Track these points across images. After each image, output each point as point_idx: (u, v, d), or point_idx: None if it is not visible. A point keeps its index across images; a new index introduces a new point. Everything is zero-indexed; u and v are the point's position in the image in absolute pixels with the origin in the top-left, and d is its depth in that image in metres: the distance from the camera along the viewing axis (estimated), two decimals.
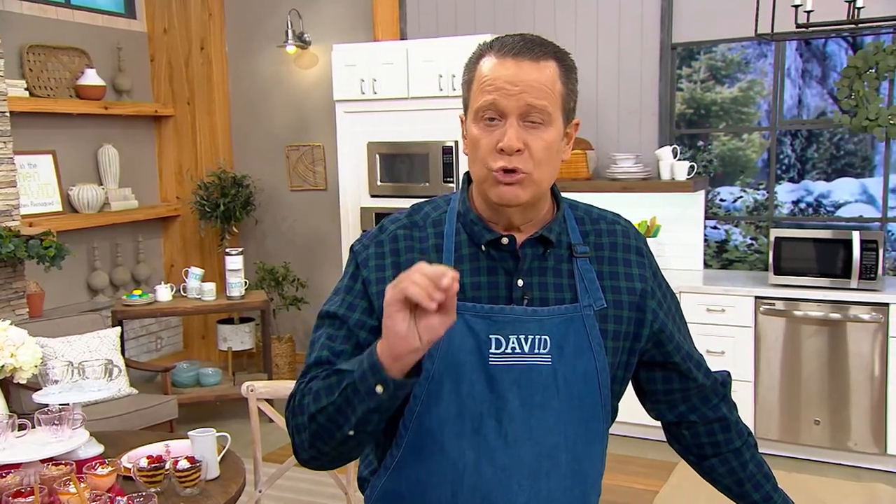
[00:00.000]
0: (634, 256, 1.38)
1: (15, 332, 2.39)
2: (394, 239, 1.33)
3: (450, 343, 1.24)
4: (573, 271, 1.32)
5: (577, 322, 1.29)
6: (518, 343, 1.26)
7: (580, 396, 1.29)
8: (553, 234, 1.32)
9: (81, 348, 3.85)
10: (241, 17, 5.71)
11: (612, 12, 4.67)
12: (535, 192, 1.26)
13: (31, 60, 4.87)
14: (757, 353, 4.04)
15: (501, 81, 1.21)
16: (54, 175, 5.00)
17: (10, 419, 2.26)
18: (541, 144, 1.23)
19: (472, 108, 1.26)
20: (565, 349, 1.27)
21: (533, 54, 1.23)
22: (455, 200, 1.37)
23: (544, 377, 1.26)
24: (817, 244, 4.00)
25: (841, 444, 3.93)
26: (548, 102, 1.22)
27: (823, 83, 4.39)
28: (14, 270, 4.26)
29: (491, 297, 1.28)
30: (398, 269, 1.28)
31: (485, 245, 1.30)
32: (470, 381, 1.25)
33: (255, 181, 5.66)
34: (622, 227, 1.40)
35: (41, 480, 2.09)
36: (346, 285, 1.34)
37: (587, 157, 4.55)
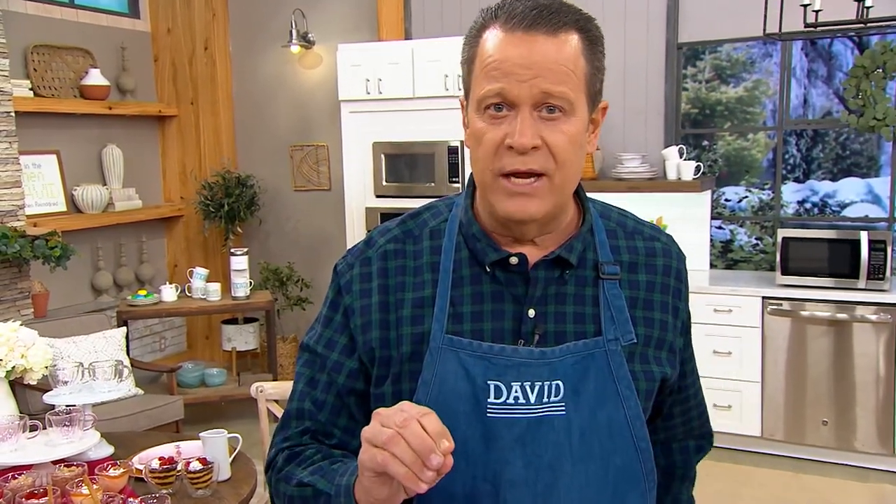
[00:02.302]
0: (673, 282, 1.13)
1: (25, 332, 2.39)
2: (383, 256, 1.11)
3: (441, 387, 1.02)
4: (598, 297, 1.07)
5: (599, 360, 1.03)
6: (522, 391, 1.01)
7: (605, 454, 1.03)
8: (574, 255, 1.06)
9: (88, 348, 3.85)
10: (245, 17, 5.70)
11: (617, 11, 4.66)
12: (555, 200, 1.01)
13: (36, 60, 4.86)
14: (764, 354, 4.04)
15: (510, 64, 0.96)
16: (59, 175, 4.99)
17: (21, 420, 2.25)
18: (561, 139, 0.98)
19: (473, 94, 1.02)
20: (582, 395, 1.02)
21: (550, 25, 0.97)
22: (458, 206, 1.12)
23: (556, 432, 1.01)
24: (825, 244, 4.00)
25: (848, 444, 3.93)
26: (568, 88, 0.97)
27: (829, 83, 4.39)
28: (19, 270, 4.26)
29: (495, 330, 1.04)
30: (386, 293, 1.08)
31: (489, 266, 1.06)
32: (463, 438, 0.99)
33: (259, 181, 5.65)
34: (663, 244, 1.14)
35: (53, 482, 2.09)
36: (325, 315, 1.13)
37: (593, 157, 4.55)
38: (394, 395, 1.06)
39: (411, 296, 1.08)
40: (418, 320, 1.06)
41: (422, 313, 1.06)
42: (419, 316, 1.06)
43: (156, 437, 2.80)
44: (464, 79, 1.06)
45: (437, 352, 1.03)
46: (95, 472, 2.14)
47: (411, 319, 1.06)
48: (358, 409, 1.11)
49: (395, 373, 1.06)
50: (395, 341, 1.06)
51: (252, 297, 4.73)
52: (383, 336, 1.07)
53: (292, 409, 1.13)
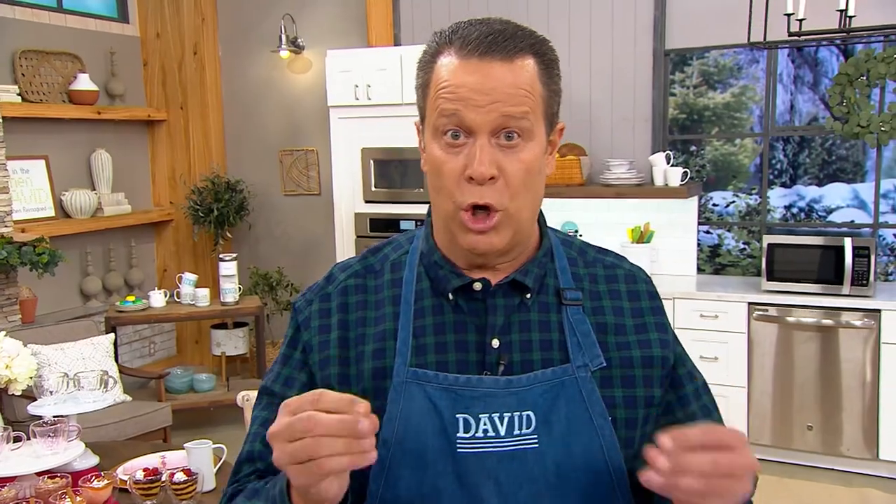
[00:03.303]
0: (646, 303, 1.10)
1: (10, 343, 2.39)
2: (343, 291, 1.08)
3: (407, 424, 0.98)
4: (563, 323, 1.04)
5: (569, 388, 1.00)
6: (491, 424, 0.97)
7: (583, 487, 0.99)
8: (530, 278, 1.04)
9: (75, 355, 3.84)
10: (235, 22, 5.70)
11: (605, 19, 4.68)
12: (515, 228, 1.00)
13: (24, 65, 4.85)
14: (750, 359, 4.07)
15: (466, 90, 0.95)
16: (47, 180, 4.99)
17: (5, 432, 2.26)
18: (519, 168, 0.97)
19: (429, 119, 1.00)
20: (555, 425, 0.99)
21: (505, 51, 0.96)
22: (419, 238, 1.10)
23: (530, 465, 0.97)
24: (810, 250, 4.03)
25: (833, 449, 3.95)
26: (528, 109, 0.97)
27: (815, 89, 4.42)
28: (6, 277, 4.25)
29: (459, 361, 1.01)
30: (346, 329, 1.06)
31: (452, 294, 1.04)
32: (434, 476, 0.97)
33: (248, 186, 5.65)
34: (626, 270, 1.12)
35: (37, 494, 2.09)
36: (283, 353, 1.11)
37: (581, 163, 4.57)
38: None
39: (373, 330, 1.05)
40: (380, 355, 1.03)
41: (383, 347, 1.04)
42: (381, 350, 1.03)
43: (141, 446, 2.80)
44: (419, 103, 1.04)
45: (401, 387, 1.00)
46: (79, 484, 2.14)
47: (373, 354, 1.04)
48: None
49: None
50: (354, 378, 1.04)
51: (241, 303, 4.73)
52: (342, 372, 1.04)
53: (244, 453, 1.10)
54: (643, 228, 4.55)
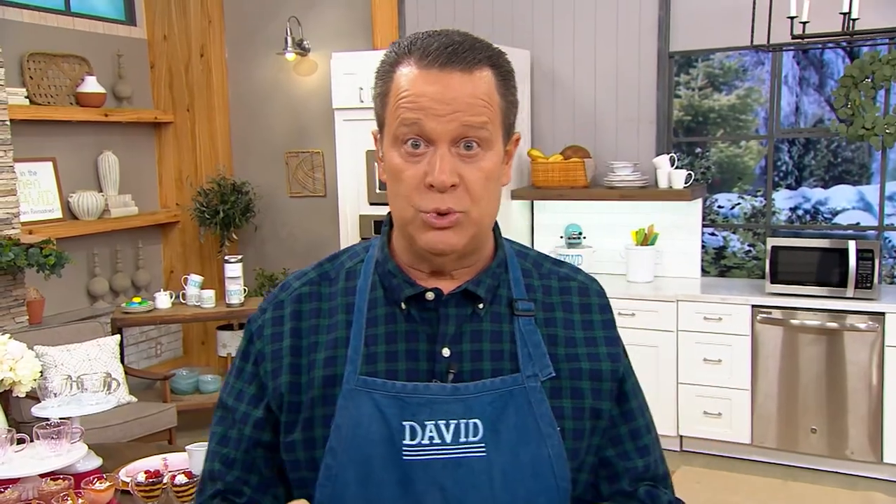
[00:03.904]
0: (597, 316, 1.11)
1: (14, 345, 2.41)
2: (297, 299, 1.09)
3: (355, 431, 0.99)
4: (514, 334, 1.05)
5: (518, 397, 1.01)
6: (437, 431, 0.98)
7: (529, 496, 0.99)
8: (482, 288, 1.05)
9: (81, 356, 3.87)
10: (241, 24, 5.72)
11: (609, 21, 4.68)
12: (474, 232, 1.02)
13: (32, 68, 4.89)
14: (754, 362, 4.06)
15: (427, 100, 0.96)
16: (54, 182, 5.02)
17: (9, 434, 2.28)
18: (479, 176, 0.99)
19: (388, 127, 1.01)
20: (503, 434, 0.99)
21: (465, 62, 0.97)
22: (374, 247, 1.11)
23: (476, 474, 0.97)
24: (814, 253, 4.02)
25: (838, 452, 3.94)
26: (487, 118, 0.99)
27: (821, 91, 4.41)
28: (14, 278, 4.28)
29: (409, 370, 1.01)
30: (299, 337, 1.06)
31: (404, 303, 1.04)
32: (378, 483, 0.97)
33: (254, 188, 5.68)
34: (579, 283, 1.13)
35: (39, 495, 2.11)
36: (237, 366, 1.11)
37: (585, 166, 4.57)
38: (304, 441, 1.03)
39: (325, 338, 1.05)
40: (331, 362, 1.04)
41: (335, 355, 1.04)
42: (332, 358, 1.04)
43: (145, 448, 2.82)
44: (377, 112, 1.05)
45: (350, 394, 1.00)
46: (82, 486, 2.16)
47: (324, 362, 1.04)
48: (265, 463, 1.08)
49: (305, 418, 1.03)
50: (305, 385, 1.04)
51: (246, 304, 4.76)
52: (293, 381, 1.04)
53: (205, 471, 1.11)
54: (647, 230, 4.55)
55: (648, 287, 4.38)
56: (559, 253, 4.59)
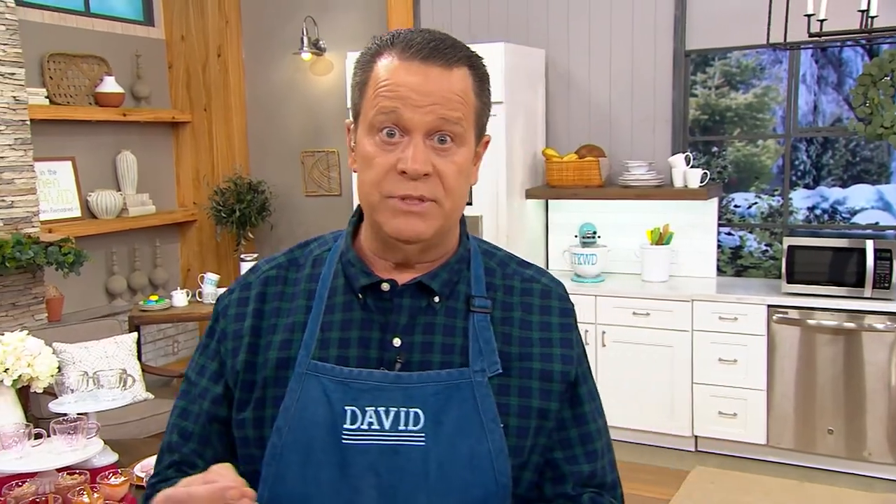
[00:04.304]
0: (556, 318, 1.11)
1: (32, 342, 2.45)
2: (264, 282, 1.11)
3: (302, 413, 1.01)
4: (468, 329, 1.06)
5: (463, 391, 1.02)
6: (377, 417, 1.00)
7: (464, 487, 1.00)
8: (437, 282, 1.06)
9: (99, 354, 3.91)
10: (258, 25, 5.76)
11: (625, 20, 4.67)
12: (442, 223, 1.03)
13: (52, 69, 4.95)
14: (771, 362, 4.03)
15: (406, 90, 0.98)
16: (74, 181, 5.08)
17: (27, 428, 2.31)
18: (452, 169, 1.01)
19: (364, 116, 1.02)
20: (444, 425, 1.00)
21: (445, 59, 1.00)
22: (342, 236, 1.13)
23: (412, 462, 0.99)
24: (831, 253, 3.98)
25: (856, 453, 3.91)
26: (462, 115, 1.01)
27: (839, 89, 4.37)
28: (33, 276, 4.33)
29: (359, 357, 1.03)
30: (261, 318, 1.08)
31: (361, 292, 1.06)
32: (318, 464, 0.99)
33: (270, 187, 5.71)
34: (542, 286, 1.13)
35: (56, 489, 2.13)
36: (203, 342, 1.14)
37: (600, 165, 4.56)
38: (254, 420, 1.05)
39: (284, 321, 1.08)
40: (286, 345, 1.06)
41: (291, 338, 1.06)
42: (287, 341, 1.06)
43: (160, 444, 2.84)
44: (354, 101, 1.06)
45: (300, 377, 1.03)
46: (97, 480, 2.18)
47: (279, 344, 1.06)
48: (219, 438, 1.10)
49: (257, 398, 1.05)
50: (260, 365, 1.06)
51: None
52: (249, 360, 1.07)
53: (164, 443, 1.14)
54: (662, 230, 4.52)
55: (663, 286, 4.36)
56: (574, 252, 4.59)
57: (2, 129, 4.17)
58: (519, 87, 4.55)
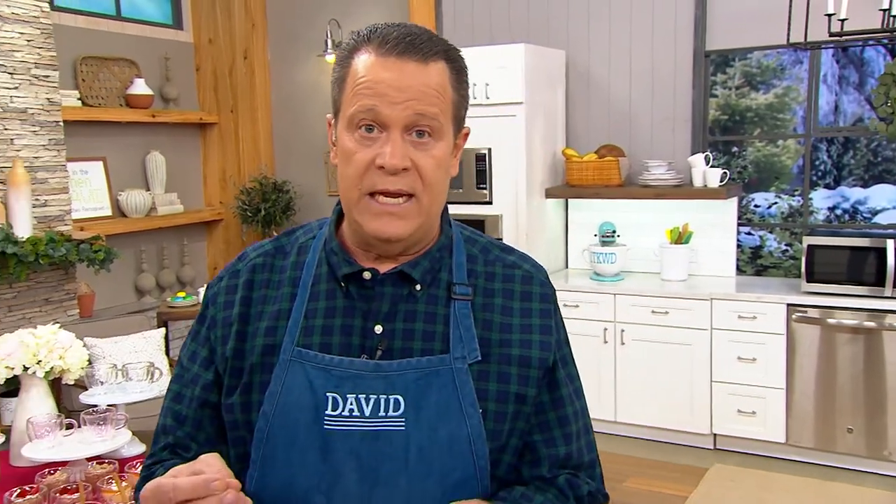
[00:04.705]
0: (537, 304, 1.11)
1: (64, 335, 2.49)
2: (251, 269, 1.12)
3: (286, 398, 1.03)
4: (449, 317, 1.06)
5: (443, 377, 1.03)
6: (357, 404, 1.01)
7: (443, 470, 1.01)
8: (418, 271, 1.07)
9: (128, 348, 3.97)
10: (283, 28, 5.81)
11: (645, 20, 4.65)
12: (422, 220, 1.04)
13: (84, 71, 5.03)
14: (790, 361, 3.99)
15: (384, 86, 0.98)
16: (105, 181, 5.16)
17: (58, 419, 2.35)
18: (430, 162, 1.01)
19: (344, 112, 1.03)
20: (423, 411, 1.02)
21: (421, 53, 1.00)
22: (327, 224, 1.14)
23: (393, 446, 1.01)
24: (850, 252, 3.94)
25: (876, 452, 3.86)
26: (439, 111, 1.01)
27: (861, 89, 4.32)
28: (66, 273, 4.41)
29: (343, 344, 1.05)
30: (248, 305, 1.09)
31: (343, 280, 1.07)
32: (302, 448, 1.01)
33: (295, 186, 5.76)
34: (524, 272, 1.13)
35: (86, 478, 2.17)
36: (194, 329, 1.15)
37: (619, 164, 4.54)
38: (242, 405, 1.07)
39: (270, 308, 1.09)
40: (272, 332, 1.07)
41: (276, 325, 1.07)
42: (273, 328, 1.07)
43: None
44: (334, 97, 1.07)
45: (285, 364, 1.04)
46: (125, 470, 2.22)
47: (265, 331, 1.07)
48: (211, 422, 1.12)
49: (244, 383, 1.07)
50: (248, 352, 1.07)
51: None
52: (237, 347, 1.08)
53: (158, 426, 1.16)
54: (682, 229, 4.50)
55: (682, 285, 4.34)
56: (593, 251, 4.58)
57: (36, 129, 4.25)
58: (539, 87, 4.55)
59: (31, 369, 2.40)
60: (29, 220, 4.07)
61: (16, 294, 4.17)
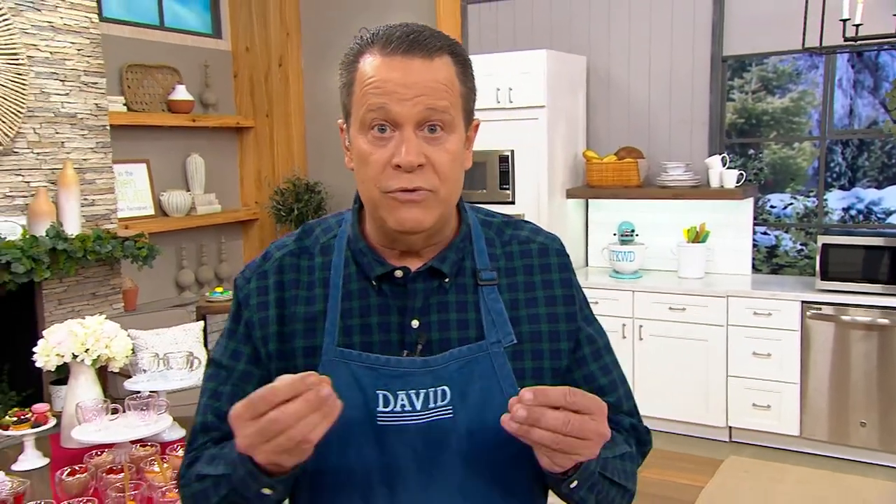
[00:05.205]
0: (556, 275, 1.11)
1: (109, 325, 2.54)
2: (278, 270, 1.09)
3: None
4: (479, 303, 1.06)
5: (483, 363, 1.03)
6: (409, 400, 1.01)
7: (491, 450, 1.02)
8: (447, 265, 1.06)
9: (169, 340, 4.02)
10: (316, 36, 5.85)
11: (664, 26, 4.62)
12: (441, 211, 1.02)
13: (130, 78, 5.10)
14: (805, 356, 3.95)
15: (392, 85, 0.96)
16: (148, 182, 5.23)
17: (105, 404, 2.40)
18: (445, 157, 0.99)
19: (355, 115, 1.01)
20: (469, 397, 1.02)
21: (426, 50, 0.97)
22: (347, 222, 1.12)
23: (445, 434, 1.01)
24: (864, 251, 3.88)
25: (888, 446, 3.80)
26: (449, 103, 0.99)
27: (875, 93, 4.25)
28: (111, 269, 4.48)
29: (383, 341, 1.04)
30: (282, 306, 1.07)
31: (375, 280, 1.06)
32: (358, 444, 1.01)
33: (326, 187, 5.79)
34: (539, 245, 1.13)
35: (130, 459, 2.21)
36: (229, 328, 1.12)
37: (638, 166, 4.52)
38: None
39: (303, 310, 1.07)
40: (310, 334, 1.06)
41: (314, 327, 1.06)
42: (311, 330, 1.06)
43: None
44: (343, 102, 1.05)
45: (329, 364, 1.03)
46: (167, 452, 2.26)
47: (304, 333, 1.06)
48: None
49: None
50: (290, 353, 1.06)
51: None
52: (280, 348, 1.07)
53: (197, 424, 1.12)
54: (699, 229, 4.46)
55: (699, 283, 4.30)
56: (612, 249, 4.56)
57: (85, 133, 4.33)
58: (560, 91, 4.54)
59: (79, 357, 2.45)
60: (78, 219, 4.14)
61: (66, 288, 4.25)
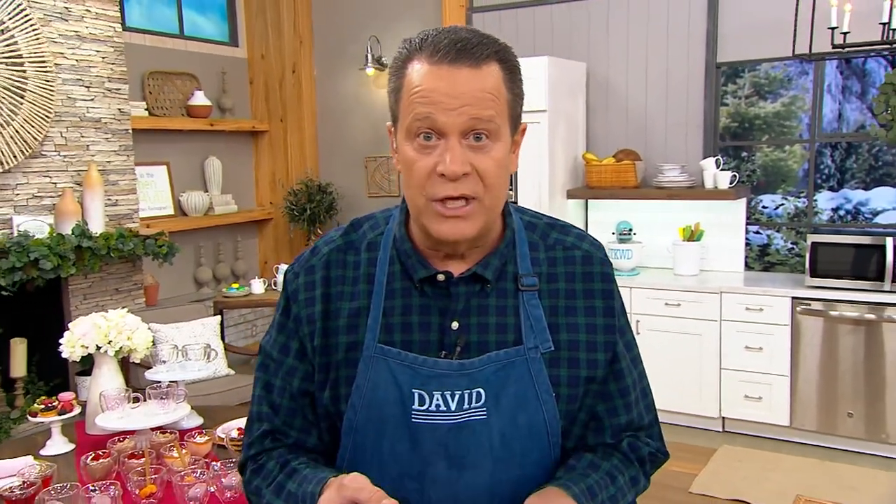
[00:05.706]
0: (598, 285, 1.08)
1: (131, 318, 2.56)
2: (325, 265, 1.08)
3: (374, 392, 1.01)
4: (519, 308, 1.03)
5: (519, 368, 1.01)
6: (444, 400, 0.99)
7: (522, 452, 1.01)
8: (490, 270, 1.03)
9: (188, 333, 4.05)
10: (328, 44, 5.87)
11: (660, 34, 4.62)
12: (485, 219, 0.99)
13: (151, 85, 5.13)
14: (795, 350, 3.94)
15: (438, 94, 0.93)
16: (168, 183, 5.26)
17: (126, 393, 2.42)
18: (490, 165, 0.96)
19: (402, 122, 0.98)
20: (503, 400, 1.00)
21: (473, 58, 0.94)
22: (394, 220, 1.09)
23: (476, 435, 1.00)
24: (852, 249, 3.88)
25: (874, 435, 3.80)
26: (494, 114, 0.95)
27: (863, 98, 4.25)
28: (133, 266, 4.51)
29: (422, 341, 1.02)
30: (328, 302, 1.05)
31: (418, 281, 1.03)
32: (392, 439, 1.01)
33: (337, 189, 5.81)
34: (583, 252, 1.09)
35: (151, 445, 2.23)
36: (279, 321, 1.11)
37: (636, 167, 4.52)
38: (332, 398, 1.05)
39: (347, 305, 1.06)
40: (353, 329, 1.04)
41: (357, 322, 1.04)
42: (354, 325, 1.04)
43: (240, 411, 2.94)
44: (391, 107, 1.02)
45: (369, 360, 1.02)
46: (185, 439, 2.28)
47: (346, 328, 1.05)
48: (310, 408, 1.09)
49: (332, 378, 1.05)
50: (332, 348, 1.05)
51: None
52: (324, 343, 1.06)
53: (253, 412, 1.13)
54: (693, 228, 4.47)
55: (694, 280, 4.31)
56: (611, 248, 4.56)
57: (108, 137, 4.36)
58: (561, 96, 4.55)
59: (102, 348, 2.47)
60: (102, 218, 4.17)
61: (90, 284, 4.28)
